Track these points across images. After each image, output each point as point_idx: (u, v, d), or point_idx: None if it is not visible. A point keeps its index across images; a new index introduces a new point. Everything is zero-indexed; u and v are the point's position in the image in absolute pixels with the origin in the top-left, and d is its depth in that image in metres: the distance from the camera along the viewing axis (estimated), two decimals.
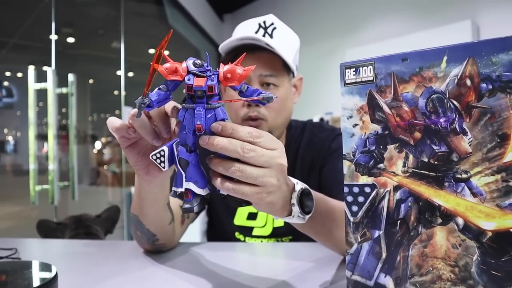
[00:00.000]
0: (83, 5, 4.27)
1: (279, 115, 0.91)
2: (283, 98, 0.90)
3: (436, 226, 0.40)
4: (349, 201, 0.45)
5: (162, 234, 0.72)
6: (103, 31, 4.89)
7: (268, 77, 0.88)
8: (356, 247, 0.44)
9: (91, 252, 0.81)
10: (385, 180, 0.42)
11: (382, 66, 0.42)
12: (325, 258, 0.71)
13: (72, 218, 1.13)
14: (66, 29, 4.40)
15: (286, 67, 0.91)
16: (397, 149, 0.42)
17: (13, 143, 5.10)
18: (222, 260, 0.72)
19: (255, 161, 0.46)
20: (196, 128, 0.46)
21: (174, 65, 0.45)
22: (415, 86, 0.40)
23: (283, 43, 0.87)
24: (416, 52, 0.40)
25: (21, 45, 4.17)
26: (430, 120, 0.40)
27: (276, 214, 0.54)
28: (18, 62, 4.25)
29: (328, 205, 0.63)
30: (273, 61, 0.88)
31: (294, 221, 0.56)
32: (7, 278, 0.54)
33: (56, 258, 0.78)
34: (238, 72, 0.46)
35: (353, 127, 0.44)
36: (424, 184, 0.40)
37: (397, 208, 0.42)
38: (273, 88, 0.89)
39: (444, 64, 0.39)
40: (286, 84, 0.92)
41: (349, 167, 0.44)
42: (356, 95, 0.44)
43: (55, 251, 0.85)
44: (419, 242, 0.41)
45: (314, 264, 0.69)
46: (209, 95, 0.45)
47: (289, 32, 0.91)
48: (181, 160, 0.47)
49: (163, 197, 0.66)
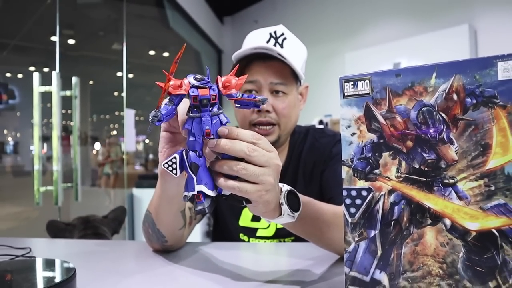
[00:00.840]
0: (84, 7, 4.30)
1: (289, 120, 0.96)
2: (291, 105, 0.95)
3: (426, 226, 0.44)
4: (348, 203, 0.49)
5: (172, 236, 0.76)
6: (103, 33, 4.93)
7: (278, 85, 0.93)
8: (354, 246, 0.48)
9: (102, 251, 0.85)
10: (380, 184, 0.46)
11: (378, 80, 0.46)
12: (324, 256, 0.75)
13: (80, 219, 1.17)
14: (67, 31, 4.43)
15: (295, 75, 0.95)
16: (391, 156, 0.46)
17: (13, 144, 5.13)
18: (228, 259, 0.76)
19: (258, 160, 0.51)
20: (205, 133, 0.51)
21: (178, 82, 0.51)
22: (408, 99, 0.45)
23: (293, 53, 0.92)
24: (408, 68, 0.44)
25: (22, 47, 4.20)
26: (421, 130, 0.44)
27: (269, 214, 0.59)
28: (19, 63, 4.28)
29: (317, 207, 0.68)
30: (283, 70, 0.93)
31: (284, 220, 0.60)
32: (27, 276, 0.58)
33: (69, 256, 0.82)
34: (233, 82, 0.52)
35: (351, 135, 0.48)
36: (415, 188, 0.44)
37: (391, 210, 0.46)
38: (282, 95, 0.94)
39: (433, 80, 0.43)
40: (294, 92, 0.97)
41: (348, 172, 0.49)
42: (354, 106, 0.48)
43: (67, 250, 0.89)
44: (411, 241, 0.45)
45: (314, 262, 0.73)
46: (212, 103, 0.51)
47: (298, 42, 0.96)
48: (193, 165, 0.51)
49: (178, 202, 0.70)
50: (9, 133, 5.04)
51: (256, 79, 0.92)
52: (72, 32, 4.48)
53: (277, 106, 0.93)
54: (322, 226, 0.68)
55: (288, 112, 0.95)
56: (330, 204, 0.72)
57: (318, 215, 0.67)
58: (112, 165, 4.72)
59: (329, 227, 0.67)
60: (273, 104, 0.93)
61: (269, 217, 0.60)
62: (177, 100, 0.51)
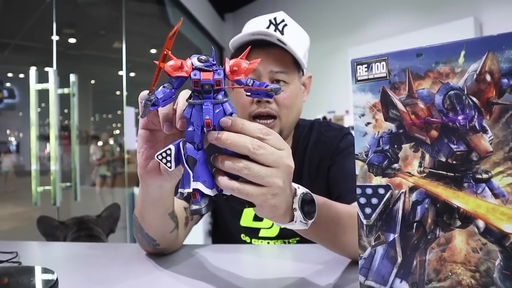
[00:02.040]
0: (84, 6, 4.26)
1: (291, 112, 0.90)
2: (293, 95, 0.89)
3: (455, 229, 0.38)
4: (362, 203, 0.43)
5: (163, 239, 0.70)
6: (104, 31, 4.89)
7: (279, 74, 0.87)
8: (370, 251, 0.43)
9: (93, 255, 0.80)
10: (400, 181, 0.41)
11: (396, 62, 0.40)
12: (333, 260, 0.69)
13: (74, 219, 1.11)
14: (67, 30, 4.39)
15: (297, 64, 0.89)
16: (413, 148, 0.40)
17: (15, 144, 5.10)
18: (227, 263, 0.70)
19: (264, 159, 0.44)
20: (205, 123, 0.44)
21: (178, 62, 0.43)
22: (431, 82, 0.39)
23: (294, 40, 0.86)
24: (431, 47, 0.38)
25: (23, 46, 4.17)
26: (448, 117, 0.38)
27: (278, 219, 0.51)
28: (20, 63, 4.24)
29: (332, 209, 0.61)
30: (284, 58, 0.87)
31: (296, 227, 0.53)
32: (7, 284, 0.52)
33: (58, 262, 0.76)
34: (244, 66, 0.45)
35: (366, 125, 0.42)
36: (441, 185, 0.38)
37: (413, 210, 0.40)
38: (284, 85, 0.88)
39: (461, 59, 0.37)
40: (297, 81, 0.90)
41: (362, 167, 0.43)
42: (368, 92, 0.42)
43: (56, 255, 0.84)
44: (437, 246, 0.39)
45: (323, 267, 0.67)
46: (216, 90, 0.44)
47: (299, 29, 0.90)
48: (189, 158, 0.45)
49: (163, 205, 0.63)
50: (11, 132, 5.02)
51: (255, 67, 0.86)
52: (73, 31, 4.44)
53: (277, 96, 0.86)
54: (338, 230, 0.61)
55: (290, 103, 0.88)
56: (344, 204, 0.66)
57: (333, 218, 0.60)
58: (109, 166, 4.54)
59: (344, 230, 0.61)
60: None
61: (278, 222, 0.52)
62: (177, 83, 0.44)
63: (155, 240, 0.69)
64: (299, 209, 0.52)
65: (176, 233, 0.72)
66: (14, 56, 4.15)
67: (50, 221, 1.09)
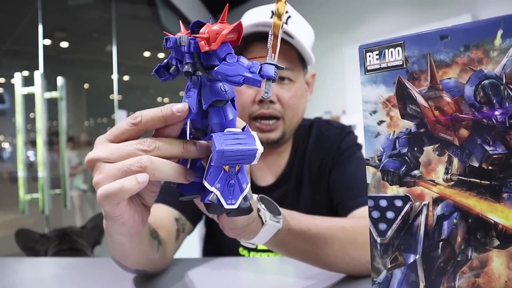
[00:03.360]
0: (75, 9, 4.18)
1: (296, 113, 0.82)
2: (299, 95, 0.81)
3: (492, 249, 0.31)
4: (375, 218, 0.36)
5: (151, 265, 0.61)
6: (97, 34, 4.82)
7: (284, 71, 0.78)
8: (385, 275, 0.35)
9: (74, 273, 0.72)
10: (421, 190, 0.33)
11: (415, 47, 0.33)
12: (338, 276, 0.62)
13: (56, 231, 1.04)
14: (59, 34, 4.31)
15: (302, 60, 0.82)
16: (437, 151, 0.33)
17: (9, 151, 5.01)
18: (224, 280, 0.63)
19: None
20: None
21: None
22: (460, 70, 0.31)
23: (299, 33, 0.78)
24: (459, 26, 0.31)
25: (14, 51, 4.09)
26: (481, 113, 0.31)
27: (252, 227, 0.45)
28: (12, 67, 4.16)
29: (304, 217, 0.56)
30: (289, 53, 0.79)
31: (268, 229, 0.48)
32: None
33: (35, 281, 0.69)
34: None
35: (378, 124, 0.35)
36: (474, 195, 0.31)
37: (438, 226, 0.33)
38: (288, 83, 0.80)
39: (498, 40, 0.30)
40: (302, 79, 0.83)
41: (374, 174, 0.35)
42: (380, 84, 0.35)
43: (34, 273, 0.76)
44: (469, 270, 0.32)
45: (327, 283, 0.60)
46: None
47: (304, 22, 0.82)
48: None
49: (145, 232, 0.51)
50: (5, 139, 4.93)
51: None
52: (64, 35, 4.36)
53: (282, 95, 0.79)
54: (317, 240, 0.54)
55: (295, 103, 0.80)
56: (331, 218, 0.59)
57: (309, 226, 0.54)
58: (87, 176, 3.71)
59: (327, 241, 0.54)
60: (278, 94, 0.79)
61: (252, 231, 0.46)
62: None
63: (144, 270, 0.60)
64: (263, 209, 0.47)
65: (161, 250, 0.62)
66: (5, 61, 4.07)
67: (30, 234, 1.01)
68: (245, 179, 0.36)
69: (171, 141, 0.35)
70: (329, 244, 0.54)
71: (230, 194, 0.35)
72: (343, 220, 0.62)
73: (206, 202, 0.34)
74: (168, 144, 0.34)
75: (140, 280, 0.65)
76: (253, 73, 0.32)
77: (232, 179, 0.35)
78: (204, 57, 0.33)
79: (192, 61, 0.32)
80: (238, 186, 0.35)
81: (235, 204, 0.35)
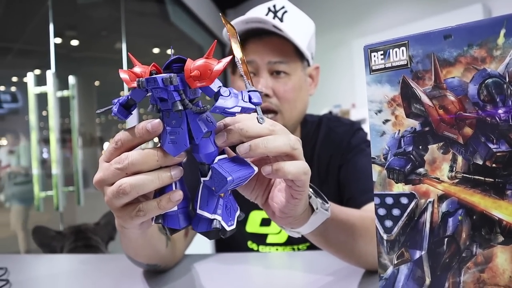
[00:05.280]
0: (85, 7, 4.22)
1: (294, 107, 0.82)
2: (296, 88, 0.81)
3: (496, 245, 0.31)
4: (381, 215, 0.36)
5: (162, 260, 0.64)
6: (106, 32, 4.85)
7: (278, 64, 0.79)
8: (392, 271, 0.36)
9: (88, 269, 0.74)
10: (426, 188, 0.34)
11: (419, 47, 0.34)
12: (346, 270, 0.63)
13: (71, 229, 1.06)
14: (69, 32, 4.36)
15: (299, 53, 0.82)
16: (442, 149, 0.33)
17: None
18: (234, 275, 0.64)
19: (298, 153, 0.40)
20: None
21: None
22: (463, 69, 0.32)
23: (294, 27, 0.79)
24: (463, 26, 0.32)
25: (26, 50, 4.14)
26: (485, 111, 0.31)
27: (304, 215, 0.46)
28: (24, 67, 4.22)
29: (342, 211, 0.56)
30: (284, 47, 0.79)
31: (318, 218, 0.48)
32: None
33: (50, 277, 0.71)
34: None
35: (384, 123, 0.36)
36: (478, 192, 0.32)
37: (443, 223, 0.34)
38: (284, 76, 0.80)
39: (501, 39, 0.30)
40: (300, 72, 0.83)
41: (380, 173, 0.36)
42: (385, 84, 0.35)
43: (49, 270, 0.78)
44: (474, 265, 0.33)
45: (336, 278, 0.61)
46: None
47: (301, 16, 0.83)
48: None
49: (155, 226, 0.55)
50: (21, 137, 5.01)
51: (252, 59, 0.79)
52: (75, 33, 4.40)
53: (278, 89, 0.80)
54: (354, 232, 0.55)
55: (292, 96, 0.81)
56: (354, 209, 0.60)
57: (344, 220, 0.54)
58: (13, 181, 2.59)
59: (361, 233, 0.55)
60: (273, 87, 0.79)
61: (303, 220, 0.47)
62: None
63: (155, 265, 0.63)
64: (313, 194, 0.48)
65: (170, 245, 0.65)
66: (17, 60, 4.12)
67: (46, 231, 1.04)
68: (234, 199, 0.38)
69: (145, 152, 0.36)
70: (363, 236, 0.55)
71: (229, 216, 0.36)
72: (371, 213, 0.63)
73: (209, 230, 0.36)
74: (141, 156, 0.36)
75: (151, 275, 0.66)
76: (246, 102, 0.34)
77: (228, 203, 0.37)
78: (189, 92, 0.34)
79: (180, 98, 0.33)
80: (232, 208, 0.37)
81: (233, 224, 0.37)
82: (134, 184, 0.35)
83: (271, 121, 0.39)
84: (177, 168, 0.37)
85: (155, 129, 0.35)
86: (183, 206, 0.37)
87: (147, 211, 0.36)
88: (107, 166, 0.37)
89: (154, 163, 0.36)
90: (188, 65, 0.33)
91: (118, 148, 0.37)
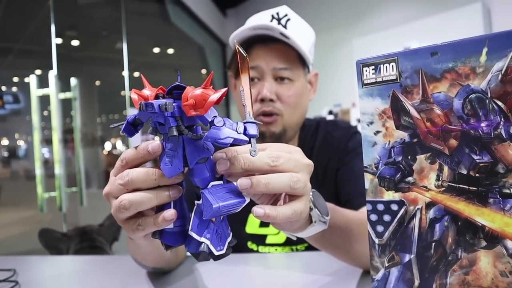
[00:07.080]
0: (85, 7, 4.23)
1: (295, 111, 0.85)
2: (298, 93, 0.84)
3: (479, 250, 0.34)
4: (373, 220, 0.38)
5: (166, 264, 0.67)
6: (107, 32, 4.86)
7: (283, 71, 0.82)
8: (383, 273, 0.38)
9: (94, 270, 0.77)
10: (415, 196, 0.36)
11: (407, 62, 0.36)
12: (344, 270, 0.65)
13: (76, 230, 1.09)
14: (70, 32, 4.37)
15: (302, 60, 0.85)
16: (429, 159, 0.35)
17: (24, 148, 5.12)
18: (234, 275, 0.67)
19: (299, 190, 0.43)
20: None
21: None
22: (449, 84, 0.34)
23: (298, 34, 0.81)
24: (448, 43, 0.34)
25: (27, 50, 4.16)
26: (469, 124, 0.33)
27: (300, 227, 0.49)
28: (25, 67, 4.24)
29: (341, 213, 0.58)
30: (288, 54, 0.82)
31: (315, 229, 0.50)
32: None
33: (58, 278, 0.73)
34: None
35: (375, 134, 0.38)
36: (463, 200, 0.34)
37: (431, 228, 0.36)
38: (288, 82, 0.83)
39: (484, 57, 0.32)
40: (302, 78, 0.86)
41: (372, 181, 0.38)
42: (376, 97, 0.37)
43: (56, 271, 0.81)
44: (459, 268, 0.35)
45: (334, 278, 0.63)
46: None
47: (303, 24, 0.85)
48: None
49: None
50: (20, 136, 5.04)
51: (257, 64, 0.82)
52: (75, 33, 4.42)
53: (282, 94, 0.83)
54: (350, 236, 0.58)
55: (294, 101, 0.84)
56: (352, 211, 0.62)
57: (343, 222, 0.57)
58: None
59: (356, 237, 0.58)
60: (278, 92, 0.82)
61: (301, 229, 0.49)
62: None
63: (160, 268, 0.67)
64: (314, 207, 0.49)
65: (174, 249, 0.67)
66: (19, 61, 4.14)
67: (52, 233, 1.06)
68: (228, 225, 0.39)
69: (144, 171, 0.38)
70: (360, 239, 0.58)
71: (218, 241, 0.38)
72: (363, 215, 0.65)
73: (197, 251, 0.37)
74: (140, 174, 0.38)
75: (155, 276, 0.69)
76: (239, 134, 0.35)
77: (219, 228, 0.38)
78: (186, 119, 0.36)
79: (176, 124, 0.35)
80: (224, 233, 0.39)
81: (223, 250, 0.38)
82: (134, 201, 0.38)
83: (276, 153, 0.40)
84: (175, 188, 0.39)
85: (154, 151, 0.38)
86: (180, 224, 0.39)
87: (145, 226, 0.39)
88: (112, 181, 0.40)
89: (152, 182, 0.38)
90: (185, 93, 0.34)
91: (124, 166, 0.40)
